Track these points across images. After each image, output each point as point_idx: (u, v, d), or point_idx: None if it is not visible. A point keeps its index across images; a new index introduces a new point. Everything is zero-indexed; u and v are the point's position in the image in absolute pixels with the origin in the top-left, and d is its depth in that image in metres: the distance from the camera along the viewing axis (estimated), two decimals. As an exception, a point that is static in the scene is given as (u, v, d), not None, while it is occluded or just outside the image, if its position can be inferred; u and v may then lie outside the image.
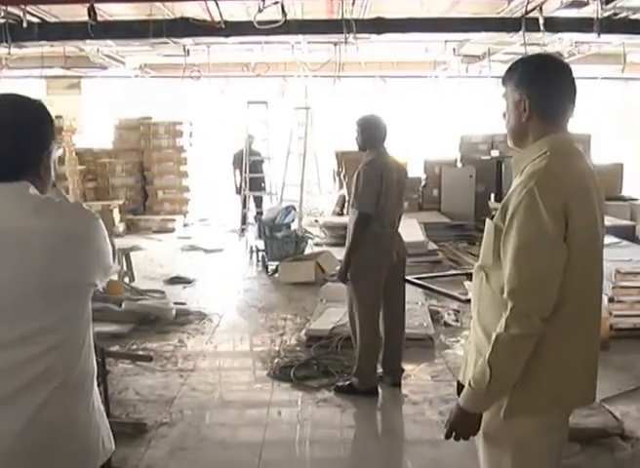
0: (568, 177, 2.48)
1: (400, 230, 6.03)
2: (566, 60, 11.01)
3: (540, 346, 2.45)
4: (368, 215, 5.60)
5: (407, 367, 6.27)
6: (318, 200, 16.33)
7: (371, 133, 5.81)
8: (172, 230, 15.32)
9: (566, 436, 2.73)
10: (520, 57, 2.82)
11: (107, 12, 8.77)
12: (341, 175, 15.05)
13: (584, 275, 2.51)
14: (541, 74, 2.56)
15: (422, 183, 14.80)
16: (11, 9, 7.97)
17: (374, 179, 5.60)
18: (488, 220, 2.59)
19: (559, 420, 2.67)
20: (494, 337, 2.43)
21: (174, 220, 15.71)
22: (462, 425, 2.55)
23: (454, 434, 2.58)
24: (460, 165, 15.25)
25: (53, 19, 9.04)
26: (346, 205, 14.71)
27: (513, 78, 2.59)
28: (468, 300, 5.79)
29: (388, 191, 5.67)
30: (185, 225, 16.13)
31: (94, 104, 16.53)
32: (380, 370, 6.05)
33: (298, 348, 7.11)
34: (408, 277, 5.93)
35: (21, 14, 8.10)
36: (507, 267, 2.43)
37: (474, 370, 2.49)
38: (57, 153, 2.32)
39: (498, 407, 2.55)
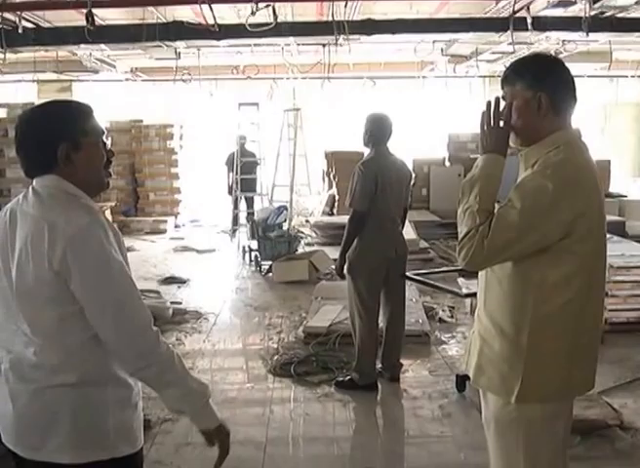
0: (584, 171, 2.61)
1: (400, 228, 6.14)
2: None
3: (550, 334, 2.57)
4: (361, 213, 5.75)
5: (404, 362, 6.36)
6: (308, 200, 16.38)
7: (372, 131, 5.90)
8: (163, 231, 15.37)
9: (570, 423, 2.84)
10: (516, 58, 2.91)
11: (100, 16, 8.81)
12: (331, 176, 15.11)
13: (594, 265, 2.65)
14: (556, 72, 2.69)
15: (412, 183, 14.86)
16: (6, 15, 8.02)
17: (367, 178, 5.72)
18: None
19: (565, 407, 2.78)
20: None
21: (165, 222, 15.75)
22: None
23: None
24: (448, 164, 15.35)
25: (47, 25, 9.09)
26: (336, 204, 14.81)
27: (524, 78, 2.67)
28: (467, 295, 5.92)
29: (385, 189, 5.78)
30: (177, 226, 16.19)
31: (85, 108, 16.43)
32: (379, 365, 6.15)
33: (296, 345, 7.19)
34: (407, 273, 6.01)
35: (17, 19, 8.15)
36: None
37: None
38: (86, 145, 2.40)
39: (509, 393, 2.65)
